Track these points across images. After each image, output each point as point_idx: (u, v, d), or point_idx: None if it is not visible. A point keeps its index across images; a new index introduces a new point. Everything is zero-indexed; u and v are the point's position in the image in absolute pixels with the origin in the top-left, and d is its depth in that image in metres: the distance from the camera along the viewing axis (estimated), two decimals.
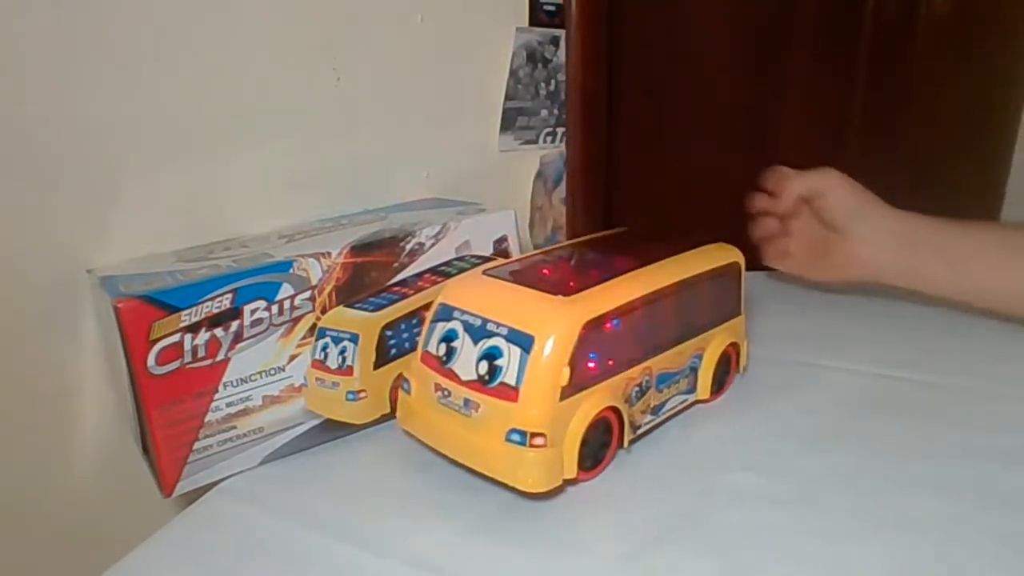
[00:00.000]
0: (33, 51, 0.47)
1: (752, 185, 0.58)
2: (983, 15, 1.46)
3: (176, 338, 0.43)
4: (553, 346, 0.40)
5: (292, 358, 0.47)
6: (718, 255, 0.51)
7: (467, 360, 0.42)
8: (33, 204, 0.48)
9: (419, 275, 0.52)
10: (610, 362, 0.43)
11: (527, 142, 0.77)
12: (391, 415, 0.51)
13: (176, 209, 0.54)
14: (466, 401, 0.42)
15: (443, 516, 0.42)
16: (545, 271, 0.48)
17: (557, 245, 0.60)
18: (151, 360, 0.42)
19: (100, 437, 0.53)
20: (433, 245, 0.52)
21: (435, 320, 0.45)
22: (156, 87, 0.52)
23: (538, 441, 0.40)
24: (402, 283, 0.51)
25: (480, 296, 0.44)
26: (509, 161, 0.76)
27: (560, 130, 0.79)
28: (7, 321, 0.49)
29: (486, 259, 0.54)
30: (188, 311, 0.43)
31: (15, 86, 0.46)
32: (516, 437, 0.40)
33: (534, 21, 0.74)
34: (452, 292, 0.45)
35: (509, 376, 0.40)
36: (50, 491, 0.52)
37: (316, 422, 0.49)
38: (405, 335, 0.51)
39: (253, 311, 0.45)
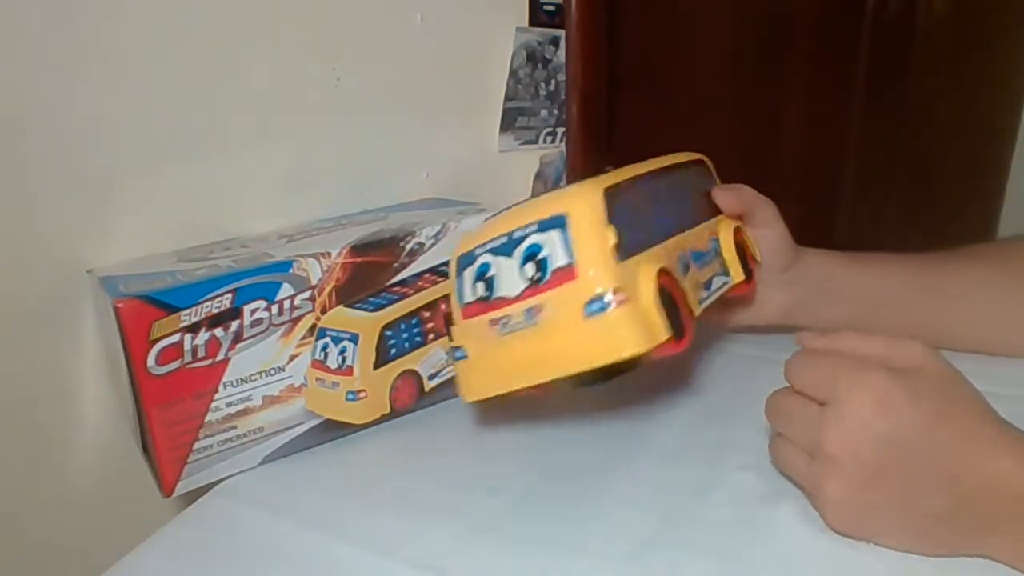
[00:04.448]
0: (32, 50, 0.47)
1: (752, 186, 0.58)
2: (983, 16, 1.46)
3: (176, 338, 0.43)
4: (587, 211, 0.38)
5: (292, 358, 0.47)
6: (687, 156, 0.51)
7: (510, 277, 0.40)
8: (33, 204, 0.48)
9: (419, 275, 0.52)
10: (644, 232, 0.41)
11: (527, 142, 0.77)
12: (391, 415, 0.51)
13: (176, 209, 0.54)
14: (528, 312, 0.39)
15: (443, 516, 0.42)
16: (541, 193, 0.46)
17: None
18: (151, 360, 0.42)
19: (100, 437, 0.53)
20: (433, 245, 0.52)
21: (459, 273, 0.43)
22: (156, 87, 0.52)
23: (618, 297, 0.37)
24: (402, 283, 0.51)
25: (491, 225, 0.42)
26: (509, 161, 0.76)
27: (560, 130, 0.79)
28: (7, 321, 0.49)
29: None
30: (188, 311, 0.43)
31: (15, 86, 0.46)
32: (595, 305, 0.37)
33: (534, 21, 0.74)
34: (463, 242, 0.44)
35: (559, 259, 0.38)
36: (50, 491, 0.52)
37: (316, 422, 0.49)
38: (405, 335, 0.51)
39: (253, 311, 0.45)
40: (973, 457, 0.35)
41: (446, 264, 0.52)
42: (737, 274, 0.50)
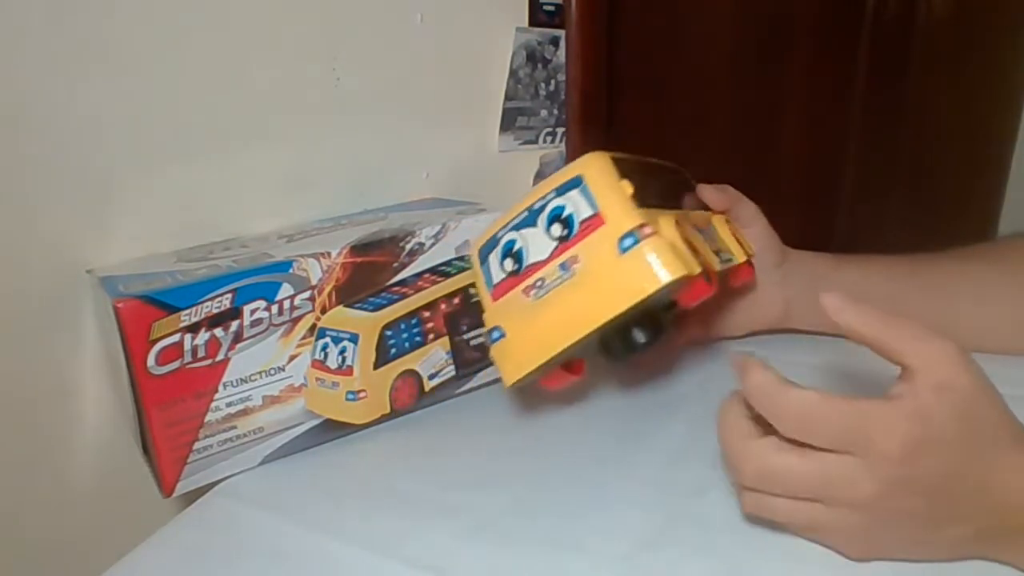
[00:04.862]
0: (32, 51, 0.47)
1: (753, 186, 0.58)
2: (983, 16, 1.46)
3: (176, 338, 0.43)
4: (601, 169, 0.40)
5: (292, 358, 0.47)
6: (667, 163, 0.52)
7: (538, 243, 0.41)
8: (33, 204, 0.48)
9: (419, 275, 0.52)
10: (650, 199, 0.42)
11: (527, 142, 0.77)
12: (391, 415, 0.51)
13: (176, 209, 0.54)
14: (562, 266, 0.40)
15: (443, 516, 0.42)
16: None
17: None
18: (151, 360, 0.42)
19: (100, 437, 0.53)
20: (433, 245, 0.52)
21: (483, 262, 0.44)
22: (156, 87, 0.52)
23: (646, 230, 0.38)
24: (402, 283, 0.51)
25: (506, 213, 0.44)
26: (509, 161, 0.76)
27: (560, 130, 0.79)
28: (7, 321, 0.49)
29: None
30: (188, 311, 0.43)
31: (15, 86, 0.46)
32: (628, 240, 0.38)
33: (534, 21, 0.74)
34: (478, 239, 0.45)
35: (584, 212, 0.40)
36: (50, 491, 0.52)
37: (316, 422, 0.49)
38: (405, 335, 0.51)
39: (253, 311, 0.45)
40: (1002, 486, 0.34)
41: (446, 264, 0.53)
42: (739, 255, 0.51)
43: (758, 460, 0.36)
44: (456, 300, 0.53)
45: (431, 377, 0.53)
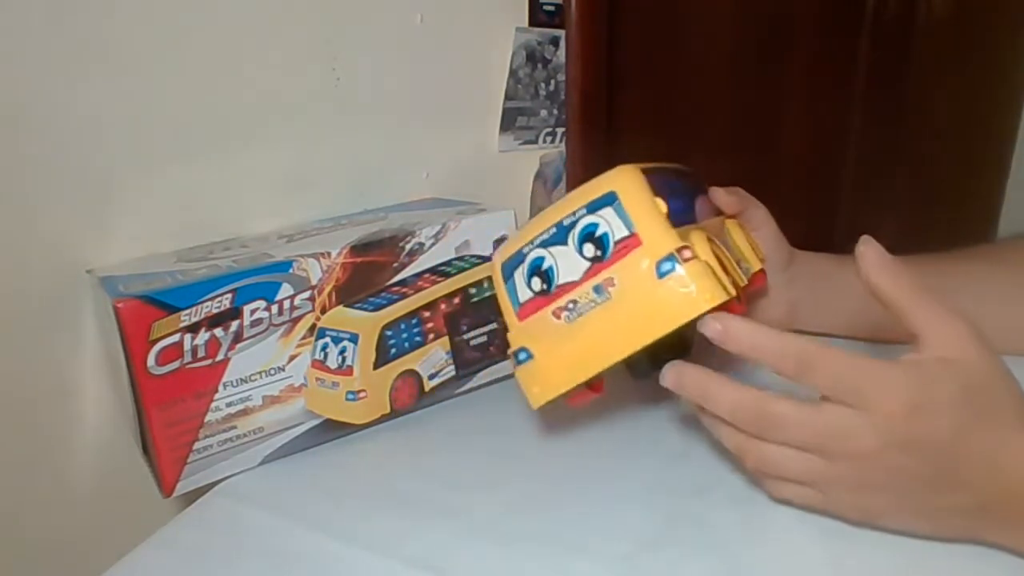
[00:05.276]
0: (32, 50, 0.47)
1: (753, 186, 0.58)
2: (983, 16, 1.46)
3: (176, 338, 0.43)
4: (635, 186, 0.39)
5: (292, 358, 0.47)
6: (678, 166, 0.51)
7: (570, 262, 0.40)
8: (33, 204, 0.48)
9: (419, 275, 0.52)
10: (677, 213, 0.41)
11: (527, 142, 0.77)
12: (391, 415, 0.51)
13: (176, 209, 0.54)
14: (597, 288, 0.39)
15: (443, 516, 0.42)
16: None
17: None
18: (151, 360, 0.42)
19: (100, 437, 0.53)
20: (433, 245, 0.52)
21: (508, 278, 0.42)
22: (156, 87, 0.52)
23: (686, 254, 0.37)
24: (402, 283, 0.51)
25: (528, 228, 0.42)
26: (509, 161, 0.76)
27: (560, 130, 0.79)
28: (7, 321, 0.49)
29: (486, 259, 0.54)
30: (188, 311, 0.43)
31: (15, 86, 0.46)
32: (668, 265, 0.37)
33: (534, 21, 0.74)
34: (500, 252, 0.43)
35: (619, 232, 0.39)
36: (50, 491, 0.52)
37: (316, 422, 0.49)
38: (405, 335, 0.51)
39: (253, 311, 0.45)
40: (1011, 466, 0.34)
41: (446, 264, 0.52)
42: (755, 262, 0.51)
43: (756, 406, 0.36)
44: (456, 300, 0.53)
45: (431, 377, 0.53)
